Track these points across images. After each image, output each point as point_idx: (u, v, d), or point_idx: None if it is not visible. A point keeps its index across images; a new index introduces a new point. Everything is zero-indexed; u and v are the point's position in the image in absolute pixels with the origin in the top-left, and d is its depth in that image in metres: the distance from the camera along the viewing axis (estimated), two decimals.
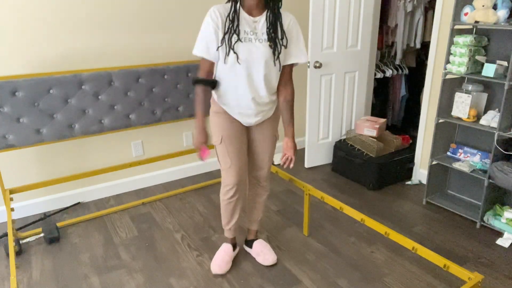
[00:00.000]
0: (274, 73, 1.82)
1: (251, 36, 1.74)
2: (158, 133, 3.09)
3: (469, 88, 2.53)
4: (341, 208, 2.16)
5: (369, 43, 3.38)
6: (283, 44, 1.78)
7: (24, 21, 2.42)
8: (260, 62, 1.76)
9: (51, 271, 2.18)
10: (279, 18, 1.76)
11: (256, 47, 1.74)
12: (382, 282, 2.05)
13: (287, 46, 1.80)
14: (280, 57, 1.78)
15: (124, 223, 2.65)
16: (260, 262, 2.20)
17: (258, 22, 1.76)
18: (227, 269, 2.14)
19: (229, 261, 2.16)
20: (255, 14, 1.76)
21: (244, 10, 1.75)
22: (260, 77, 1.79)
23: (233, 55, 1.73)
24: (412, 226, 2.57)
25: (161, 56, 2.93)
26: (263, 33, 1.75)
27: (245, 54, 1.73)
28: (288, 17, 1.80)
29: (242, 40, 1.73)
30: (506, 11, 2.23)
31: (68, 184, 2.85)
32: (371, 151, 3.11)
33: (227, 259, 2.16)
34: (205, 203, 2.90)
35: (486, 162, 2.58)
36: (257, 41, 1.75)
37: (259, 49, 1.74)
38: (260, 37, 1.75)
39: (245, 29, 1.74)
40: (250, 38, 1.74)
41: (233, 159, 1.94)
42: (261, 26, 1.76)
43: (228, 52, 1.73)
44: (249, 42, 1.74)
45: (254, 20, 1.76)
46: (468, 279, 1.62)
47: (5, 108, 2.22)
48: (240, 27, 1.73)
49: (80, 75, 2.40)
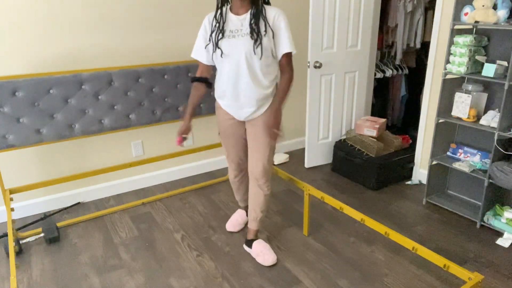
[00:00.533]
0: (257, 64, 1.92)
1: (235, 33, 1.90)
2: (158, 133, 3.09)
3: (469, 88, 2.53)
4: (341, 208, 2.16)
5: (369, 43, 3.38)
6: (265, 36, 1.88)
7: (24, 21, 2.42)
8: (241, 54, 1.89)
9: (51, 271, 2.18)
10: (261, 12, 1.88)
11: (237, 40, 1.89)
12: (382, 282, 2.05)
13: (276, 38, 1.92)
14: (263, 47, 1.88)
15: (124, 223, 2.65)
16: (260, 263, 2.20)
17: (244, 19, 1.91)
18: (239, 229, 2.51)
19: (242, 223, 2.53)
20: (241, 13, 1.92)
21: (233, 12, 1.93)
22: (243, 68, 1.92)
23: (218, 51, 1.92)
24: (412, 226, 2.57)
25: (161, 56, 2.93)
26: (247, 27, 1.89)
27: (227, 48, 1.90)
28: (273, 11, 1.90)
29: (226, 37, 1.91)
30: (506, 11, 2.23)
31: (68, 184, 2.85)
32: (371, 151, 3.11)
33: (240, 221, 2.53)
34: (205, 203, 2.90)
35: (486, 162, 2.58)
36: (239, 36, 1.89)
37: (240, 42, 1.88)
38: (244, 32, 1.89)
39: (231, 28, 1.91)
40: (234, 35, 1.90)
41: (229, 153, 2.23)
42: (246, 23, 1.90)
43: (214, 49, 1.93)
44: (232, 38, 1.90)
45: (240, 18, 1.91)
46: (468, 279, 1.62)
47: (5, 108, 2.22)
48: (226, 27, 1.91)
49: (80, 75, 2.40)
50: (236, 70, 1.93)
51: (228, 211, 2.77)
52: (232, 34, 1.90)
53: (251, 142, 2.09)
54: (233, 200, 2.93)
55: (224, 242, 2.41)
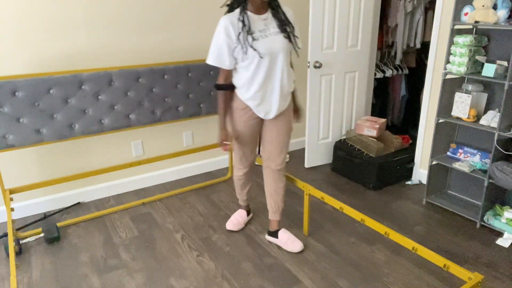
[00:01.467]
0: (288, 61, 2.04)
1: (265, 32, 1.94)
2: (158, 133, 3.09)
3: (469, 88, 2.53)
4: (341, 208, 2.16)
5: (369, 43, 3.38)
6: (294, 35, 2.01)
7: (24, 21, 2.42)
8: (280, 53, 1.96)
9: (51, 271, 2.18)
10: (283, 13, 1.98)
11: (274, 40, 1.94)
12: (382, 282, 2.05)
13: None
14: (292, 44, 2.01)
15: (124, 223, 2.65)
16: (289, 250, 2.30)
17: (266, 18, 1.96)
18: (239, 229, 2.52)
19: (242, 223, 2.55)
20: (262, 12, 1.96)
21: (252, 12, 1.94)
22: (280, 67, 1.99)
23: (253, 53, 1.90)
24: (412, 226, 2.57)
25: (161, 56, 2.93)
26: (274, 27, 1.96)
27: (266, 48, 1.92)
28: (289, 10, 2.03)
29: (258, 38, 1.91)
30: (506, 11, 2.23)
31: (68, 184, 2.85)
32: (371, 151, 3.11)
33: (241, 220, 2.54)
34: (205, 203, 2.90)
35: (486, 162, 2.58)
36: (271, 35, 1.94)
37: (277, 42, 1.94)
38: (273, 31, 1.95)
39: (258, 28, 1.93)
40: (266, 34, 1.93)
41: (245, 151, 2.24)
42: (270, 22, 1.96)
43: (246, 51, 1.90)
44: (265, 38, 1.93)
45: (263, 18, 1.95)
46: (468, 279, 1.62)
47: (5, 108, 2.22)
48: (252, 28, 1.91)
49: (80, 75, 2.40)
50: (274, 69, 1.98)
51: (228, 211, 2.77)
52: (263, 34, 1.93)
53: (274, 136, 2.17)
54: (233, 200, 2.93)
55: (224, 242, 2.41)
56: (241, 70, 2.00)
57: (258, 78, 1.97)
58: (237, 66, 2.00)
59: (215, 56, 1.97)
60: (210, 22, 3.06)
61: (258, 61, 1.93)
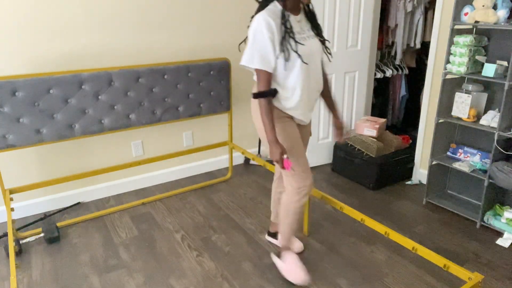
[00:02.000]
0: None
1: (302, 35, 1.77)
2: (158, 133, 3.09)
3: (469, 88, 2.53)
4: (341, 208, 2.16)
5: (369, 43, 3.38)
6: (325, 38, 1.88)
7: (24, 21, 2.41)
8: (318, 57, 1.83)
9: (51, 271, 2.18)
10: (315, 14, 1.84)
11: (312, 43, 1.79)
12: (382, 282, 2.05)
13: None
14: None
15: (124, 223, 2.65)
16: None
17: (301, 20, 1.80)
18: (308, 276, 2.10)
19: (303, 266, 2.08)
20: (297, 13, 1.78)
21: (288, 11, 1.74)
22: (318, 71, 1.86)
23: (296, 57, 1.71)
24: (412, 226, 2.57)
25: (161, 56, 2.93)
26: (308, 30, 1.81)
27: (307, 52, 1.75)
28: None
29: (299, 40, 1.73)
30: (506, 11, 2.23)
31: (68, 184, 2.85)
32: (371, 151, 3.11)
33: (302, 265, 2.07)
34: (205, 203, 2.90)
35: (486, 162, 2.58)
36: (309, 38, 1.79)
37: (315, 45, 1.80)
38: (309, 34, 1.80)
39: (296, 29, 1.75)
40: (304, 37, 1.77)
41: (305, 162, 1.91)
42: (304, 24, 1.81)
43: (288, 56, 1.70)
44: (304, 41, 1.76)
45: (298, 19, 1.78)
46: (468, 279, 1.62)
47: (5, 108, 2.22)
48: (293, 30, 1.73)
49: (80, 75, 2.40)
50: (313, 74, 1.83)
51: (228, 211, 2.77)
52: (301, 37, 1.75)
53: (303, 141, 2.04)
54: (233, 200, 2.93)
55: (224, 242, 2.41)
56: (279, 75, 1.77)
57: (300, 85, 1.78)
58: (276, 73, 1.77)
59: (260, 58, 1.69)
60: (210, 22, 3.06)
61: (300, 67, 1.74)
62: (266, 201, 2.92)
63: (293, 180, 1.90)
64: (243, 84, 3.38)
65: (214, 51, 3.15)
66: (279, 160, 1.75)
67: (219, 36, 3.14)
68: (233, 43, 3.22)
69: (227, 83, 2.96)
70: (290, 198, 1.94)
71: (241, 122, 3.50)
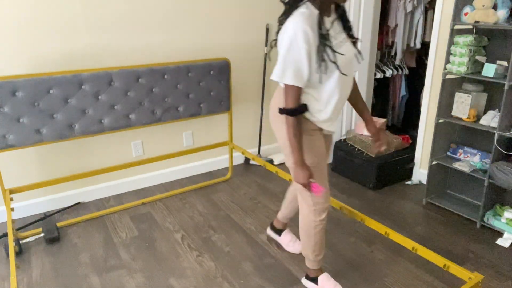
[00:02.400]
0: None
1: (337, 40, 1.56)
2: (158, 133, 3.09)
3: (469, 88, 2.53)
4: (341, 208, 2.16)
5: (369, 43, 3.38)
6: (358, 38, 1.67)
7: (24, 21, 2.41)
8: (353, 63, 1.65)
9: (51, 271, 2.18)
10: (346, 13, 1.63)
11: (349, 49, 1.59)
12: (382, 282, 2.05)
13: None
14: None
15: (124, 223, 2.65)
16: (289, 251, 2.29)
17: (334, 21, 1.58)
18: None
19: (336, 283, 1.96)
20: (330, 14, 1.57)
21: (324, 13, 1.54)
22: (351, 77, 1.69)
23: (334, 67, 1.53)
24: (412, 226, 2.57)
25: (161, 56, 2.93)
26: (341, 31, 1.60)
27: (345, 62, 1.57)
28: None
29: (336, 48, 1.52)
30: (506, 11, 2.23)
31: (68, 184, 2.85)
32: (371, 151, 3.11)
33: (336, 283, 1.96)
34: (205, 203, 2.90)
35: (486, 162, 2.58)
36: (344, 43, 1.58)
37: (351, 51, 1.61)
38: (342, 37, 1.59)
39: (331, 34, 1.54)
40: (339, 43, 1.56)
41: (326, 181, 1.79)
42: (337, 26, 1.59)
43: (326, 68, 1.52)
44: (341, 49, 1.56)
45: (330, 20, 1.56)
46: (468, 279, 1.62)
47: (5, 108, 2.22)
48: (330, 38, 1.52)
49: (80, 75, 2.40)
50: (348, 82, 1.64)
51: (228, 211, 2.77)
52: (337, 43, 1.54)
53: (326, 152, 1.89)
54: (233, 200, 2.93)
55: (224, 242, 2.41)
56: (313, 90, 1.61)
57: (335, 97, 1.62)
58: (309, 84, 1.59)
59: (293, 73, 1.50)
60: (210, 22, 3.06)
61: (338, 78, 1.57)
62: (266, 201, 2.92)
63: (315, 200, 1.76)
64: (243, 84, 3.38)
65: (214, 51, 3.15)
66: (306, 184, 1.62)
67: (219, 36, 3.14)
68: (233, 43, 3.22)
69: (227, 83, 2.96)
70: (308, 221, 1.81)
71: (241, 122, 3.50)
